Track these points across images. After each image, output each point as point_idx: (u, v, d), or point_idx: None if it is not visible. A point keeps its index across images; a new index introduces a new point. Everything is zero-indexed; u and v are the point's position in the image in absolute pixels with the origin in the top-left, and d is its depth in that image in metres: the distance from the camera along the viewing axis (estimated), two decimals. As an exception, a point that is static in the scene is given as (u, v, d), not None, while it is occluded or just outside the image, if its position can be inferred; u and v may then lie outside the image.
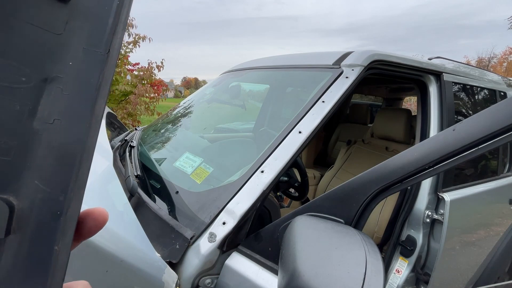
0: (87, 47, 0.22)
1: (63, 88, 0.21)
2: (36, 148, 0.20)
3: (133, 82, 5.35)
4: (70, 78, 0.21)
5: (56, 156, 0.21)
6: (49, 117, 0.20)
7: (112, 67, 0.23)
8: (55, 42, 0.21)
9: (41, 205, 0.20)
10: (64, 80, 0.21)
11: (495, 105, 0.56)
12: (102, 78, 0.22)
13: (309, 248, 0.54)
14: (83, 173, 0.22)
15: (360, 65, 1.10)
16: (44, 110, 0.20)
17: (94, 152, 0.23)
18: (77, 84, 0.21)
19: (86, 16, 0.22)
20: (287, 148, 0.89)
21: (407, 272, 1.26)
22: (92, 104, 0.22)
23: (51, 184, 0.20)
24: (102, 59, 0.22)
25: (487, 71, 2.08)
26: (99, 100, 0.22)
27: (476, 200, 1.48)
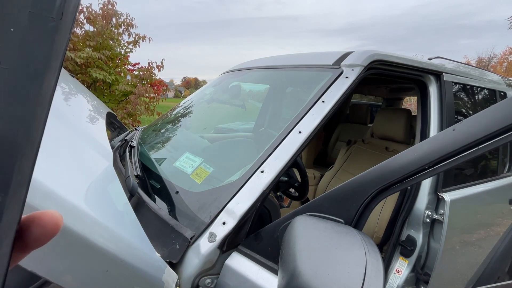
0: (33, 11, 0.17)
1: (1, 61, 0.17)
2: None
3: (133, 82, 5.35)
4: (11, 48, 0.17)
5: None
6: None
7: (65, 36, 0.19)
8: None
9: None
10: (3, 50, 0.17)
11: (495, 105, 0.56)
12: (52, 49, 0.18)
13: (309, 248, 0.54)
14: (25, 168, 0.17)
15: (360, 65, 1.10)
16: None
17: (94, 152, 0.21)
18: (20, 56, 0.17)
19: None
20: (287, 148, 0.89)
21: (407, 272, 1.26)
22: (39, 81, 0.17)
23: None
24: (53, 26, 0.18)
25: (487, 71, 2.08)
26: (48, 77, 0.18)
27: (476, 200, 1.48)
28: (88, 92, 1.64)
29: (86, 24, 5.18)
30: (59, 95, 1.05)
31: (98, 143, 0.96)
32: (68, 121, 0.89)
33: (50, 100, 0.18)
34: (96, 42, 4.91)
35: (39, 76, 0.17)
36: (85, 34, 5.10)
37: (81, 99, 1.33)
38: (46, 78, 0.18)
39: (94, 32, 4.99)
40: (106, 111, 1.52)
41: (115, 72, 5.27)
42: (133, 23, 5.34)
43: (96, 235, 0.53)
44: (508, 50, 31.17)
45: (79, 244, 0.50)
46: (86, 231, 0.51)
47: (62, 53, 0.19)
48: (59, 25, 0.18)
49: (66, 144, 0.73)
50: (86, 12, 5.05)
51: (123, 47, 5.45)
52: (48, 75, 0.18)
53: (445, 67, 1.49)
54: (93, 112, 1.30)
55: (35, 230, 0.19)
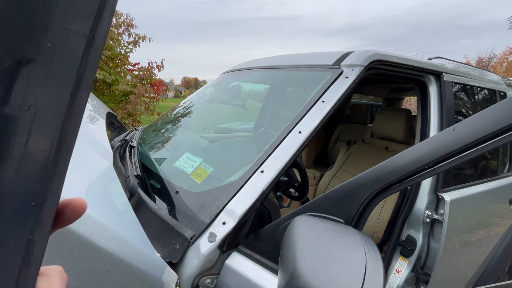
0: (69, 28, 0.19)
1: (40, 73, 0.19)
2: (9, 137, 0.18)
3: (133, 82, 5.35)
4: (48, 62, 0.19)
5: (31, 146, 0.19)
6: (24, 104, 0.18)
7: (97, 56, 0.21)
8: (32, 19, 0.18)
9: (16, 196, 0.19)
10: (41, 63, 0.19)
11: (495, 105, 0.56)
12: (86, 66, 0.20)
13: (309, 248, 0.55)
14: (62, 165, 0.21)
15: (360, 65, 1.10)
16: (18, 95, 0.18)
17: (94, 152, 0.25)
18: (57, 69, 0.19)
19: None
20: (287, 148, 0.89)
21: (407, 272, 1.26)
22: (73, 93, 0.20)
23: (27, 175, 0.19)
24: (86, 44, 0.20)
25: (487, 71, 2.08)
26: (81, 91, 0.20)
27: (476, 200, 1.48)
28: (88, 92, 1.64)
29: (86, 24, 5.18)
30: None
31: (98, 143, 0.96)
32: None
33: (82, 111, 0.21)
34: (96, 42, 4.91)
35: (73, 89, 0.20)
36: (85, 34, 5.09)
37: (81, 99, 1.33)
38: (79, 92, 0.20)
39: (94, 32, 4.98)
40: (106, 111, 1.52)
41: (115, 72, 5.27)
42: (133, 23, 5.34)
43: (96, 235, 0.53)
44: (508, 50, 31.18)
45: (79, 244, 0.50)
46: (86, 231, 0.52)
47: (94, 71, 0.21)
48: (91, 44, 0.20)
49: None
50: (86, 12, 5.04)
51: (123, 47, 5.45)
52: (81, 90, 0.20)
53: (445, 67, 1.49)
54: (93, 112, 1.31)
55: (68, 212, 0.25)
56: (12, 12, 0.17)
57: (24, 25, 0.18)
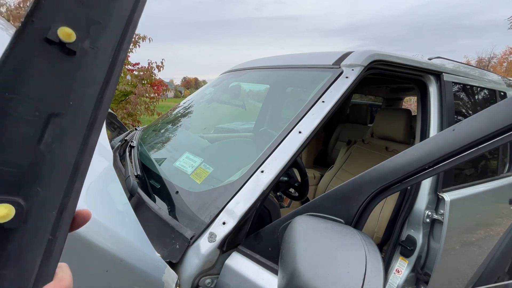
0: (85, 92, 0.29)
1: (63, 121, 0.27)
2: (41, 165, 0.27)
3: (133, 82, 5.35)
4: (69, 114, 0.28)
5: (56, 171, 0.28)
6: (51, 143, 0.27)
7: (105, 109, 0.30)
8: (63, 88, 0.27)
9: (41, 206, 0.27)
10: (65, 115, 0.28)
11: (495, 105, 0.56)
12: (96, 117, 0.29)
13: (309, 248, 0.54)
14: (78, 185, 0.29)
15: (360, 65, 1.10)
16: (48, 137, 0.27)
17: (94, 152, 0.30)
18: (75, 119, 0.28)
19: (85, 69, 0.29)
20: (287, 148, 0.89)
21: (407, 272, 1.26)
22: (86, 136, 0.29)
23: (51, 191, 0.27)
24: (96, 102, 0.29)
25: (487, 71, 2.08)
26: (93, 134, 0.29)
27: (476, 200, 1.48)
28: (88, 92, 1.64)
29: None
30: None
31: (98, 143, 0.96)
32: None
33: (94, 148, 0.31)
34: (96, 42, 4.91)
35: (86, 132, 0.29)
36: (85, 34, 5.10)
37: (81, 99, 1.33)
38: (91, 135, 0.30)
39: (94, 32, 4.99)
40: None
41: (115, 72, 5.26)
42: (133, 23, 5.34)
43: (96, 235, 0.53)
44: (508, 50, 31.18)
45: (79, 244, 0.50)
46: (86, 231, 0.52)
47: (103, 119, 0.31)
48: (100, 103, 0.30)
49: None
50: (86, 12, 5.05)
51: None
52: (93, 133, 0.30)
53: (445, 67, 1.49)
54: (93, 112, 1.30)
55: (77, 219, 0.33)
56: (51, 87, 0.27)
57: (57, 92, 0.27)
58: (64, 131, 0.28)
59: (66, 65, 0.27)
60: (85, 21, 0.28)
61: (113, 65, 0.30)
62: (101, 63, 0.29)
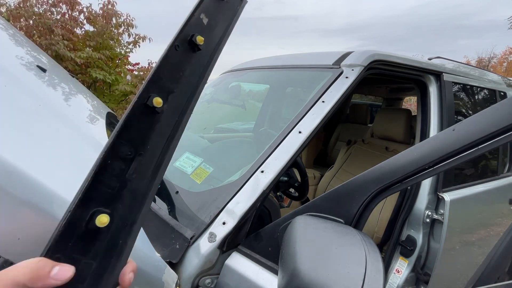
0: (158, 141, 0.42)
1: (142, 159, 0.40)
2: (124, 189, 0.38)
3: (133, 82, 5.35)
4: (147, 155, 0.40)
5: (132, 195, 0.39)
6: (133, 174, 0.39)
7: (170, 155, 0.44)
8: (145, 136, 0.40)
9: (120, 218, 0.38)
10: (144, 156, 0.40)
11: (494, 105, 0.56)
12: (163, 159, 0.42)
13: (309, 248, 0.54)
14: (146, 208, 0.41)
15: (360, 65, 1.10)
16: (132, 170, 0.39)
17: (94, 152, 0.34)
18: (150, 159, 0.41)
19: (161, 123, 0.41)
20: (287, 148, 0.89)
21: (407, 272, 1.26)
22: (154, 172, 0.42)
23: (128, 209, 0.39)
24: (164, 148, 0.43)
25: (487, 71, 2.08)
26: (159, 172, 0.42)
27: (476, 200, 1.48)
28: (88, 92, 1.64)
29: (86, 24, 5.19)
30: (59, 95, 1.05)
31: (98, 143, 0.96)
32: (68, 121, 0.88)
33: (159, 182, 0.44)
34: (96, 42, 4.92)
35: (155, 170, 0.43)
36: (85, 34, 5.10)
37: (81, 99, 1.33)
38: (157, 175, 0.43)
39: (94, 32, 5.00)
40: (106, 111, 1.52)
41: (115, 72, 5.27)
42: (133, 23, 5.35)
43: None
44: (508, 50, 31.18)
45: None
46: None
47: (167, 165, 0.44)
48: (163, 159, 0.43)
49: (66, 144, 0.73)
50: (86, 12, 5.05)
51: (123, 47, 5.45)
52: (159, 173, 0.43)
53: (445, 67, 1.49)
54: (93, 112, 1.30)
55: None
56: (135, 138, 0.40)
57: (141, 139, 0.40)
58: (142, 167, 0.39)
59: (151, 121, 0.40)
60: (167, 91, 0.42)
61: (179, 122, 0.44)
62: (171, 120, 0.43)
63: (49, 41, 4.37)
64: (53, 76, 1.14)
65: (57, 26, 4.59)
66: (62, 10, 5.01)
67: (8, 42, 1.02)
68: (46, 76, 1.03)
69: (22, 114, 0.61)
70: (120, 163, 0.37)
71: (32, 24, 4.69)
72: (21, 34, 1.41)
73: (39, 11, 4.82)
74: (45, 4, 4.95)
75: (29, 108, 0.66)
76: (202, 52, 0.47)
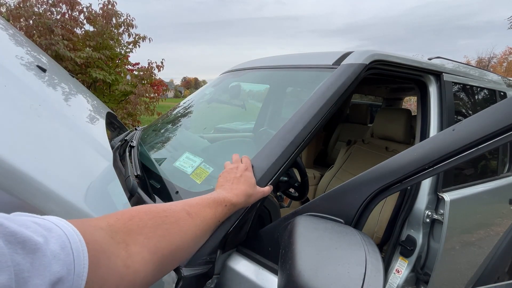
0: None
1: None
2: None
3: (133, 82, 5.35)
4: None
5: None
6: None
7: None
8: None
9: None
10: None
11: (494, 105, 0.56)
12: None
13: (309, 248, 0.54)
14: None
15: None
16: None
17: (94, 152, 0.30)
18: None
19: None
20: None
21: (407, 272, 1.26)
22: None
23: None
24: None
25: (487, 71, 2.08)
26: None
27: (476, 200, 1.48)
28: (88, 92, 1.64)
29: (86, 24, 5.19)
30: (59, 95, 1.05)
31: (98, 143, 0.96)
32: (68, 121, 0.89)
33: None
34: (96, 42, 4.92)
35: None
36: (85, 34, 5.10)
37: (81, 99, 1.33)
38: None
39: (94, 32, 5.00)
40: (106, 111, 1.52)
41: (115, 72, 5.27)
42: (133, 23, 5.34)
43: (96, 235, 0.53)
44: (508, 50, 31.18)
45: (79, 244, 0.50)
46: (86, 231, 0.51)
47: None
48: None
49: (66, 144, 0.73)
50: (86, 12, 5.05)
51: (123, 47, 5.45)
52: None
53: (445, 67, 1.49)
54: (93, 112, 1.30)
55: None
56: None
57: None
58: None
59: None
60: None
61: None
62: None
63: (49, 41, 4.37)
64: (53, 76, 1.14)
65: (57, 26, 4.59)
66: (62, 10, 5.01)
67: (8, 42, 1.01)
68: (46, 76, 1.03)
69: (22, 114, 0.61)
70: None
71: (32, 24, 4.69)
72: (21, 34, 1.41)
73: (39, 11, 4.82)
74: (45, 4, 4.95)
75: (29, 108, 0.65)
76: None
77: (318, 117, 0.92)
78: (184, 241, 0.50)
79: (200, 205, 0.58)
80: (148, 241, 0.42)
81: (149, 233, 0.43)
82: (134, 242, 0.40)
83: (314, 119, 0.91)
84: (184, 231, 0.50)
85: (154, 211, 0.48)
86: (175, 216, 0.50)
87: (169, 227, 0.47)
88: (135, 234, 0.41)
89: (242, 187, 0.70)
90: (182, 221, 0.51)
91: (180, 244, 0.49)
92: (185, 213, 0.53)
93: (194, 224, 0.53)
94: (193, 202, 0.58)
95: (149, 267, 0.41)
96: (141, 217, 0.44)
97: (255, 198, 0.73)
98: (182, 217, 0.51)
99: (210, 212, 0.59)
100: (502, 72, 28.14)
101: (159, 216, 0.47)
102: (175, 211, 0.51)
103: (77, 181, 0.63)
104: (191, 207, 0.56)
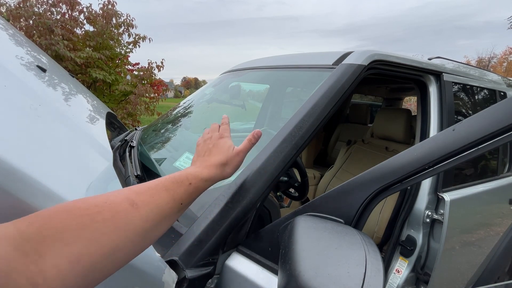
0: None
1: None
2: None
3: (133, 82, 5.35)
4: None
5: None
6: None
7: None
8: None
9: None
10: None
11: (495, 105, 0.56)
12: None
13: (309, 248, 0.54)
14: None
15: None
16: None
17: (94, 152, 0.28)
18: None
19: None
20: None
21: (407, 272, 1.26)
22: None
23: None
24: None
25: (487, 71, 2.08)
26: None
27: (476, 200, 1.48)
28: (88, 92, 1.64)
29: (86, 24, 5.19)
30: (59, 95, 1.05)
31: (98, 143, 0.96)
32: (68, 121, 0.88)
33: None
34: (96, 42, 4.92)
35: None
36: (85, 34, 5.10)
37: (81, 99, 1.33)
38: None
39: (94, 32, 5.00)
40: (106, 111, 1.52)
41: (115, 72, 5.27)
42: (133, 23, 5.35)
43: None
44: (508, 50, 31.18)
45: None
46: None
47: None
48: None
49: (66, 144, 0.73)
50: (86, 12, 5.05)
51: (123, 47, 5.45)
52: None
53: (445, 67, 1.49)
54: (93, 112, 1.30)
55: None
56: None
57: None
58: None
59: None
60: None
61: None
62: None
63: (49, 41, 4.37)
64: (53, 76, 1.14)
65: (57, 26, 4.58)
66: (62, 10, 5.01)
67: (8, 42, 1.01)
68: (46, 76, 1.03)
69: (22, 114, 0.61)
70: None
71: (32, 24, 4.69)
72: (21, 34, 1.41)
73: (39, 11, 4.81)
74: (45, 4, 4.95)
75: (29, 108, 0.65)
76: None
77: (318, 117, 0.92)
78: (125, 240, 0.41)
79: (153, 190, 0.49)
80: (69, 248, 0.34)
81: (70, 238, 0.35)
82: (50, 251, 0.32)
83: (314, 119, 0.91)
84: (123, 228, 0.41)
85: (81, 207, 0.39)
86: (112, 210, 0.41)
87: (101, 226, 0.38)
88: (51, 241, 0.33)
89: (214, 158, 0.64)
90: (122, 215, 0.42)
91: (119, 243, 0.40)
92: (127, 203, 0.43)
93: (140, 216, 0.44)
94: (142, 188, 0.48)
95: (69, 281, 0.33)
96: (61, 217, 0.36)
97: (233, 166, 0.66)
98: (122, 210, 0.42)
99: (166, 196, 0.50)
100: (502, 72, 28.14)
101: (87, 213, 0.38)
102: (114, 203, 0.42)
103: (77, 181, 0.63)
104: (139, 194, 0.46)
